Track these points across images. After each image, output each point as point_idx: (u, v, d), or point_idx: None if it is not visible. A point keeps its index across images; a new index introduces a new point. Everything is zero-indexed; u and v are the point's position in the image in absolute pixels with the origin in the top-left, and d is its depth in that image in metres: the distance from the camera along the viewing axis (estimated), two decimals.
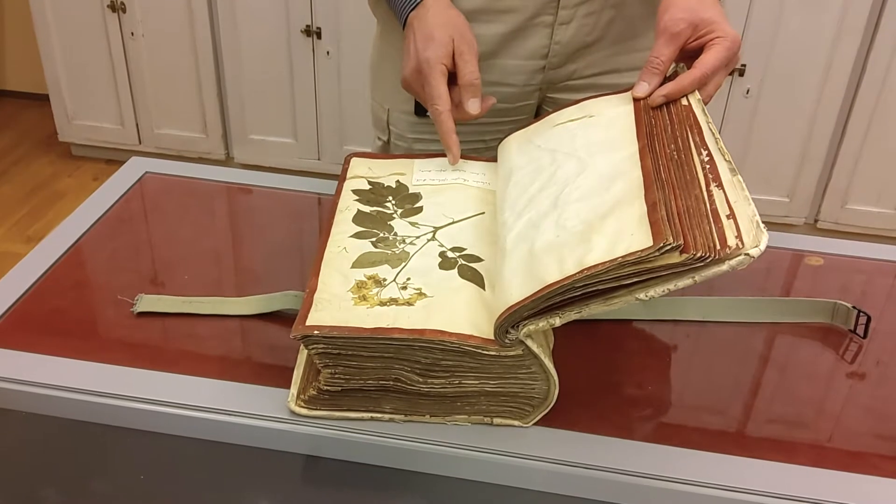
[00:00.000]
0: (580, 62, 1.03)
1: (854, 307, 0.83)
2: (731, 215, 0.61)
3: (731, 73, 2.23)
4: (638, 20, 1.02)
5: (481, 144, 1.07)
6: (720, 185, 0.65)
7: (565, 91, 1.05)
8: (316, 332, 0.64)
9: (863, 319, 0.82)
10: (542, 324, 0.62)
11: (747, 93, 2.26)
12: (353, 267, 0.73)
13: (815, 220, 2.43)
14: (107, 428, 0.72)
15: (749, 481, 0.66)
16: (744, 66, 2.22)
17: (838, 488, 0.66)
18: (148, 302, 0.82)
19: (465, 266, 0.73)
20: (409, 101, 1.05)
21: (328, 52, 2.40)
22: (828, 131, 2.28)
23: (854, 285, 0.92)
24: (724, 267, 0.58)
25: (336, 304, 0.68)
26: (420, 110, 1.04)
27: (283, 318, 0.81)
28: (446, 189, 0.84)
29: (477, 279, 0.71)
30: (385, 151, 1.13)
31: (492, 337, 0.64)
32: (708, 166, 0.68)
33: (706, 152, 0.70)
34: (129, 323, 0.80)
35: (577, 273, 0.59)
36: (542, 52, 1.00)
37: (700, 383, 0.77)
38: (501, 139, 0.90)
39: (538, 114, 1.09)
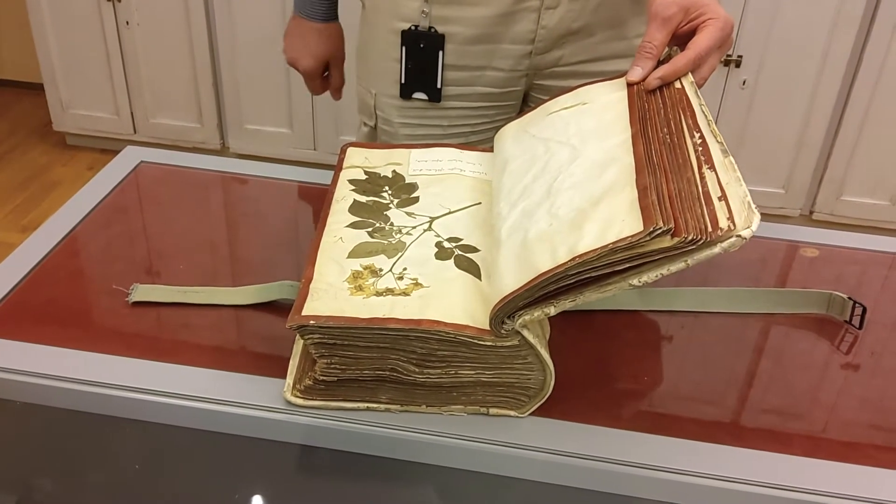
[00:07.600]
0: (566, 48, 1.03)
1: (849, 298, 0.83)
2: (723, 197, 0.61)
3: (727, 65, 2.22)
4: (624, 7, 1.02)
5: (468, 128, 1.07)
6: (712, 167, 0.65)
7: (552, 77, 1.06)
8: (312, 322, 0.64)
9: (858, 310, 0.82)
10: (538, 313, 0.62)
11: (743, 84, 2.25)
12: (349, 257, 0.72)
13: (811, 212, 2.43)
14: (101, 417, 0.72)
15: (744, 471, 0.66)
16: (740, 57, 2.21)
17: (833, 478, 0.66)
18: (143, 291, 0.81)
19: (462, 256, 0.73)
20: (395, 85, 1.05)
21: None
22: (824, 123, 2.28)
23: (849, 276, 0.92)
24: (716, 249, 0.58)
25: (332, 293, 0.67)
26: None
27: (279, 308, 0.80)
28: (443, 179, 0.84)
29: (473, 269, 0.71)
30: (371, 137, 1.13)
31: (488, 327, 0.64)
32: (700, 148, 0.67)
33: (699, 134, 0.69)
34: (124, 312, 0.80)
35: (570, 260, 0.59)
36: (529, 37, 1.01)
37: (695, 374, 0.77)
38: (488, 123, 0.89)
39: (526, 100, 1.10)
